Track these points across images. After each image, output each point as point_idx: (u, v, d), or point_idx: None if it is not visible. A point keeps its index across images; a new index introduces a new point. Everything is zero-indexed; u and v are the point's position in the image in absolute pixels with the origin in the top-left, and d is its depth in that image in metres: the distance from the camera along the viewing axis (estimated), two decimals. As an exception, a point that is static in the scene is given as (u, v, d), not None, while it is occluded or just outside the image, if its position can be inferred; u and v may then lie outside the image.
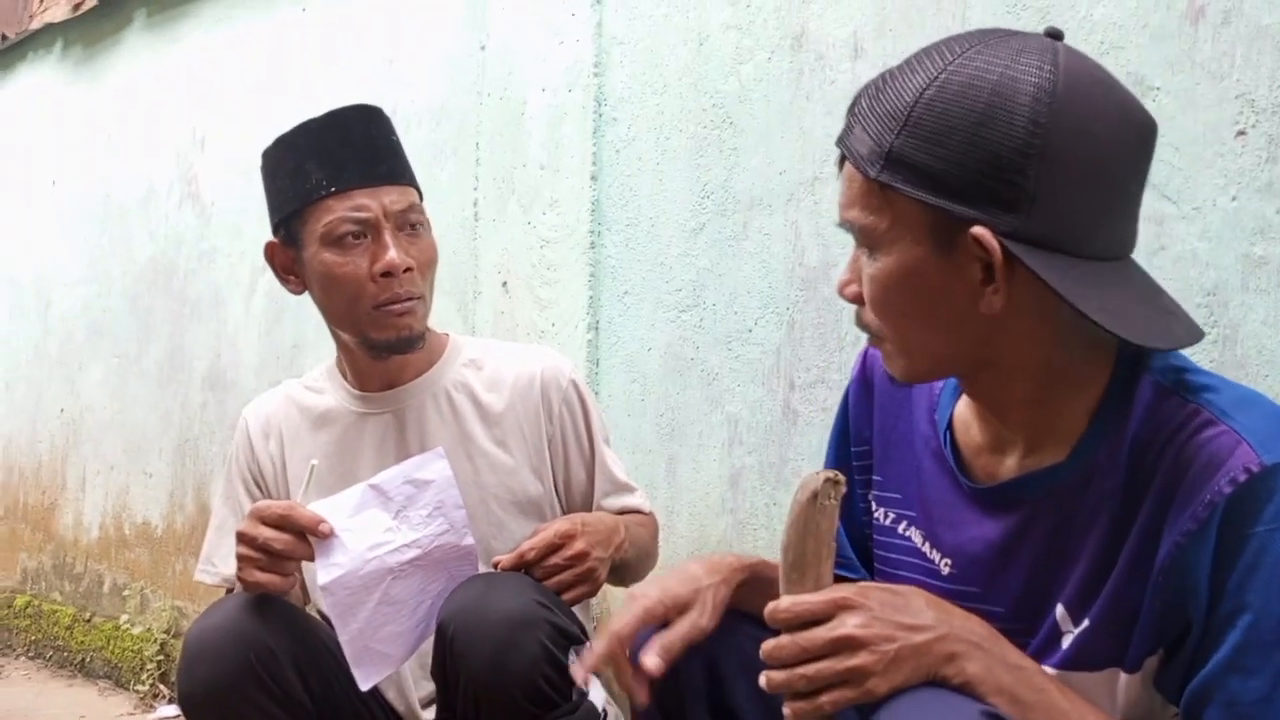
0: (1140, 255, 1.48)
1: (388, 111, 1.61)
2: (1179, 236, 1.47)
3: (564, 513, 1.58)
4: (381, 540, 1.33)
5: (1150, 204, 1.49)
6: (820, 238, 1.89)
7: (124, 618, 3.58)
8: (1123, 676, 0.94)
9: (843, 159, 0.98)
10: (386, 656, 1.38)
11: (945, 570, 1.04)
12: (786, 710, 0.92)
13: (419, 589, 1.37)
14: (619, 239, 2.23)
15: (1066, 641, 0.96)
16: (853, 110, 0.97)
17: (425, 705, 1.54)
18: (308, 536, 1.33)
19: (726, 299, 2.04)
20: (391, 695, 1.55)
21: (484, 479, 1.55)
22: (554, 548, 1.39)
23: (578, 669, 1.09)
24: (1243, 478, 0.85)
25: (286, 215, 1.53)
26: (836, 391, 1.86)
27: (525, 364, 1.60)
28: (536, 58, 2.39)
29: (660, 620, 1.07)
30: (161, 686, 3.29)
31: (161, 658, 3.31)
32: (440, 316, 2.61)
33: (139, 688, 3.34)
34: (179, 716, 3.10)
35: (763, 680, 0.93)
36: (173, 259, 3.58)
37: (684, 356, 2.10)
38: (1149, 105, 1.49)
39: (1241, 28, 1.42)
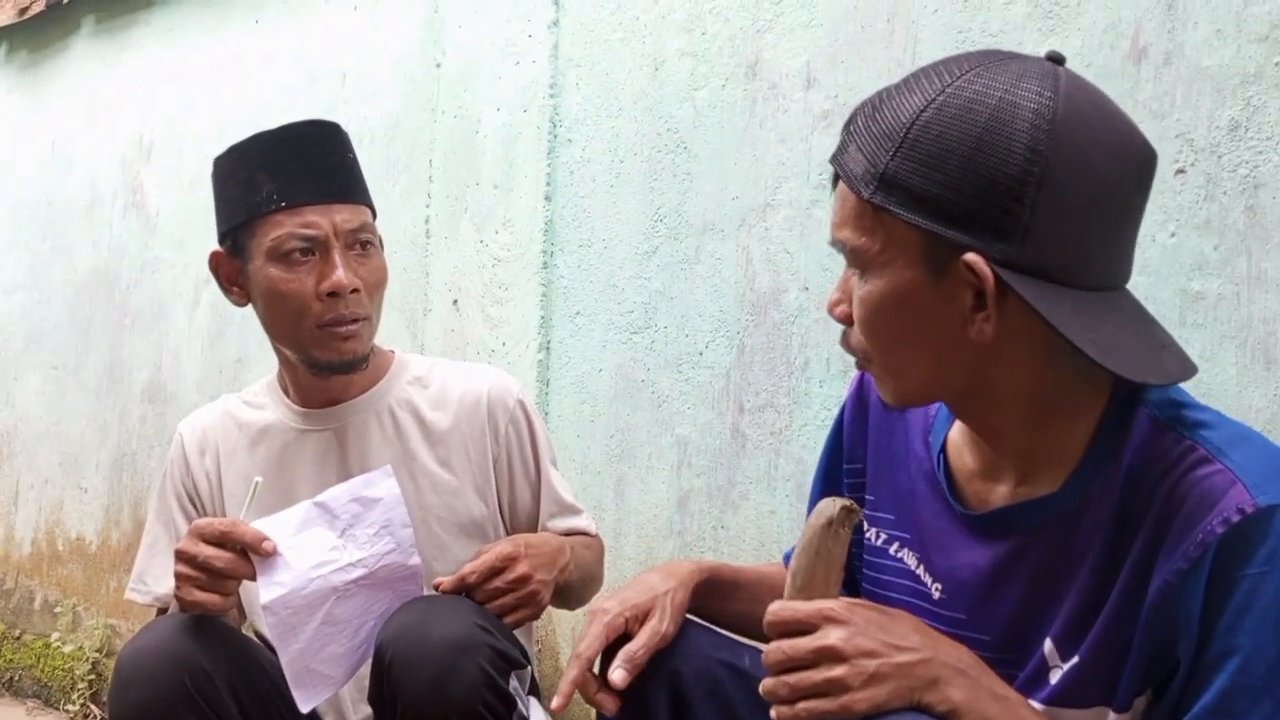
0: (1082, 288, 1.53)
1: (341, 124, 1.59)
2: (1120, 270, 1.50)
3: (508, 534, 1.57)
4: (326, 559, 1.31)
5: (1093, 238, 1.53)
6: (771, 263, 1.91)
7: (55, 635, 3.49)
8: (1112, 716, 0.92)
9: (836, 177, 0.96)
10: (328, 678, 1.36)
11: (936, 594, 1.03)
12: (772, 713, 0.92)
13: (362, 609, 1.35)
14: (571, 260, 2.24)
15: (1055, 677, 0.94)
16: (848, 128, 0.95)
17: None
18: (250, 555, 1.31)
19: (678, 322, 2.05)
20: (329, 719, 1.53)
21: (426, 499, 1.53)
22: (496, 570, 1.36)
23: (558, 697, 1.08)
24: (1236, 518, 0.84)
25: (234, 225, 1.50)
26: (785, 416, 1.88)
27: (472, 382, 1.58)
28: (492, 77, 2.40)
29: (622, 632, 1.09)
30: (93, 707, 3.21)
31: (93, 677, 3.23)
32: (390, 333, 2.59)
33: (69, 708, 3.25)
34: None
35: (761, 687, 0.94)
36: (115, 269, 3.52)
37: (634, 378, 2.11)
38: (1092, 142, 1.53)
39: (1182, 69, 1.46)
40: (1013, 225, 0.86)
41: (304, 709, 1.35)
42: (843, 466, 1.16)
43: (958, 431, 1.04)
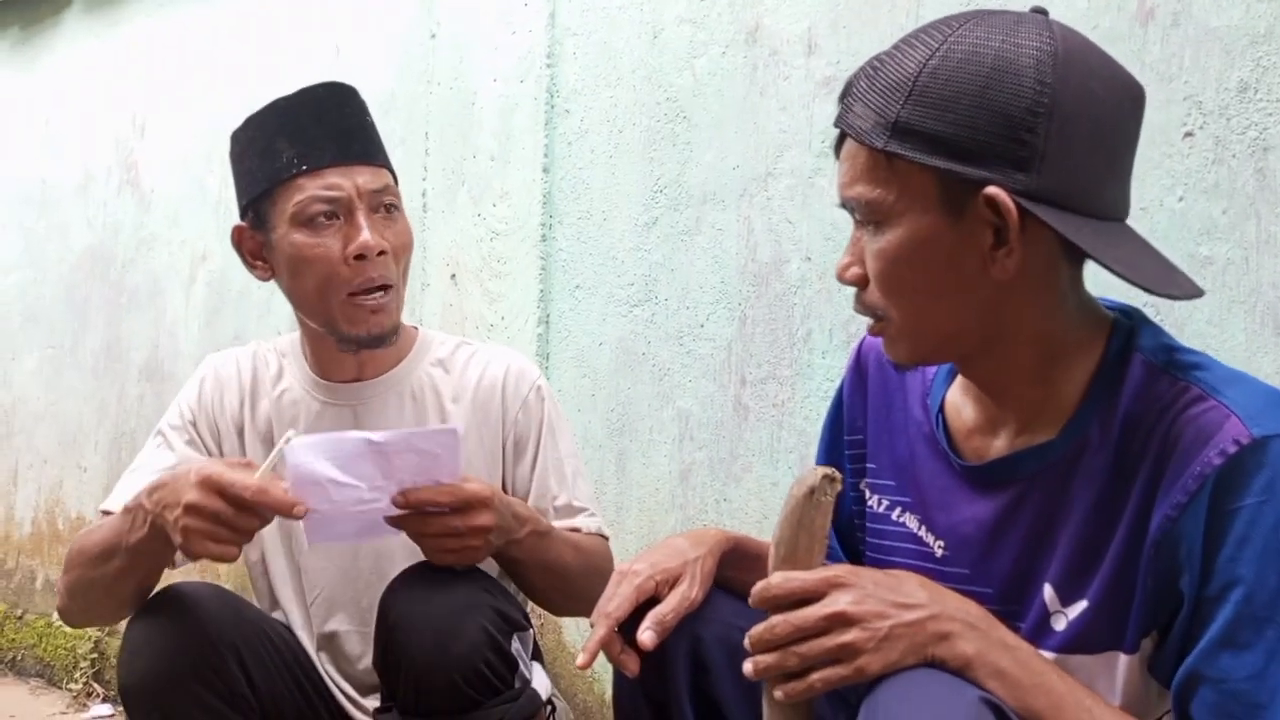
0: (1089, 254, 1.51)
1: (356, 89, 1.56)
2: (1127, 236, 1.48)
3: None
4: (368, 499, 1.26)
5: (1099, 203, 1.51)
6: (773, 233, 1.89)
7: (57, 615, 3.49)
8: (1122, 658, 0.93)
9: (840, 141, 0.98)
10: (341, 535, 1.33)
11: (939, 552, 1.04)
12: (777, 693, 0.91)
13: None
14: (570, 232, 2.21)
15: (1058, 623, 0.96)
16: (848, 93, 0.97)
17: (368, 692, 1.51)
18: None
19: (678, 294, 2.03)
20: (334, 676, 1.52)
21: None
22: (465, 507, 1.29)
23: (583, 654, 1.06)
24: (1232, 449, 0.86)
25: (255, 196, 1.47)
26: (787, 387, 1.86)
27: (491, 368, 1.55)
28: (488, 47, 2.37)
29: (651, 595, 1.08)
30: (95, 685, 3.21)
31: (95, 656, 3.23)
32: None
33: (72, 686, 3.26)
34: (112, 716, 3.05)
35: (748, 667, 0.93)
36: (110, 247, 3.50)
37: (635, 351, 2.09)
38: (1099, 106, 1.51)
39: (1190, 30, 1.43)
40: (1029, 156, 0.89)
41: (310, 543, 1.35)
42: (844, 438, 1.17)
43: (957, 390, 1.06)
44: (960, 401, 1.05)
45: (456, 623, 1.26)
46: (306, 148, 1.44)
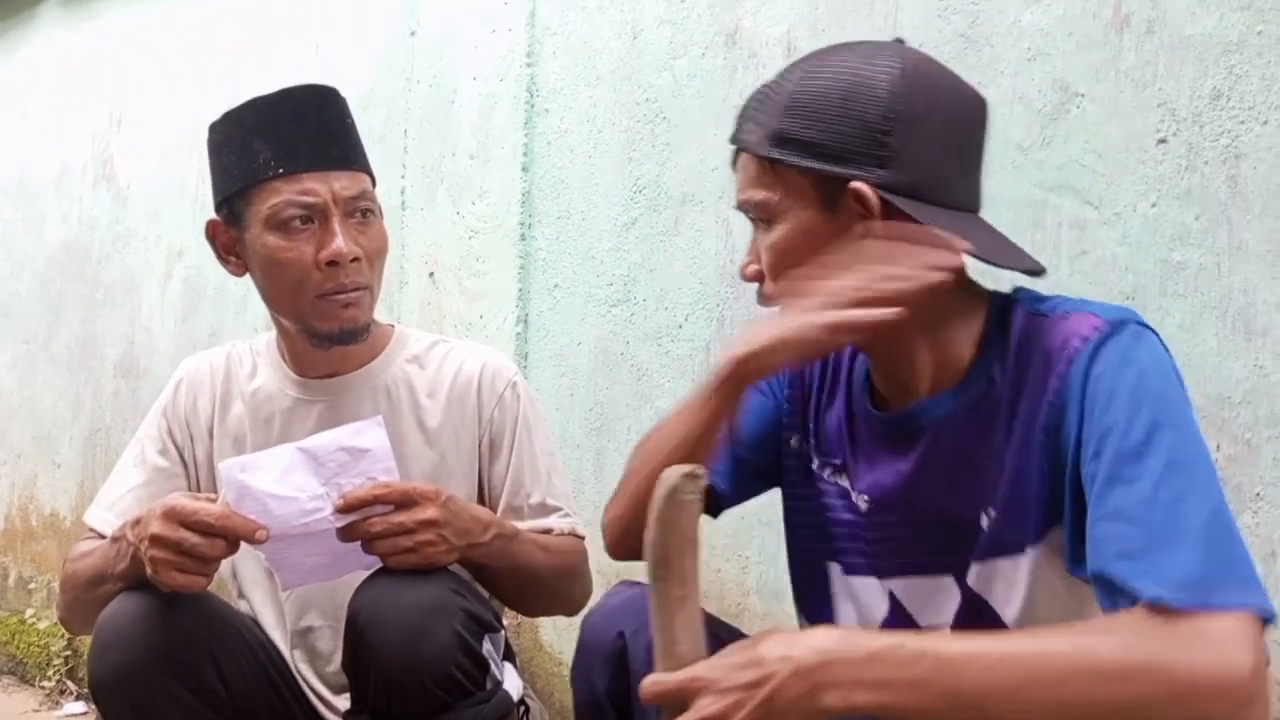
0: (1062, 259, 1.52)
1: (338, 90, 1.55)
2: (1100, 241, 1.49)
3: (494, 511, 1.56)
4: (310, 509, 1.27)
5: (1072, 209, 1.52)
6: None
7: (30, 611, 3.46)
8: (1030, 551, 1.02)
9: (736, 155, 1.13)
10: (312, 574, 1.34)
11: (864, 506, 1.13)
12: None
13: (350, 546, 1.30)
14: (549, 232, 2.21)
15: (989, 537, 1.04)
16: (741, 115, 1.12)
17: (340, 691, 1.51)
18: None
19: (657, 294, 2.03)
20: (308, 676, 1.52)
21: (415, 478, 1.48)
22: (407, 501, 1.28)
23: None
24: (1091, 334, 0.99)
25: (230, 193, 1.46)
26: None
27: (467, 366, 1.54)
28: (468, 45, 2.36)
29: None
30: (68, 682, 3.19)
31: (69, 653, 3.21)
32: (365, 306, 2.57)
33: (44, 684, 3.23)
34: (86, 713, 3.03)
35: None
36: (86, 242, 3.47)
37: (614, 351, 2.09)
38: (1074, 112, 1.52)
39: (1165, 37, 1.45)
40: (887, 155, 1.03)
41: (284, 589, 1.35)
42: (784, 392, 1.26)
43: (871, 369, 1.17)
44: (875, 376, 1.16)
45: (426, 625, 1.25)
46: (283, 150, 1.43)
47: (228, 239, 1.50)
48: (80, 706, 3.05)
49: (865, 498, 1.12)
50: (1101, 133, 1.49)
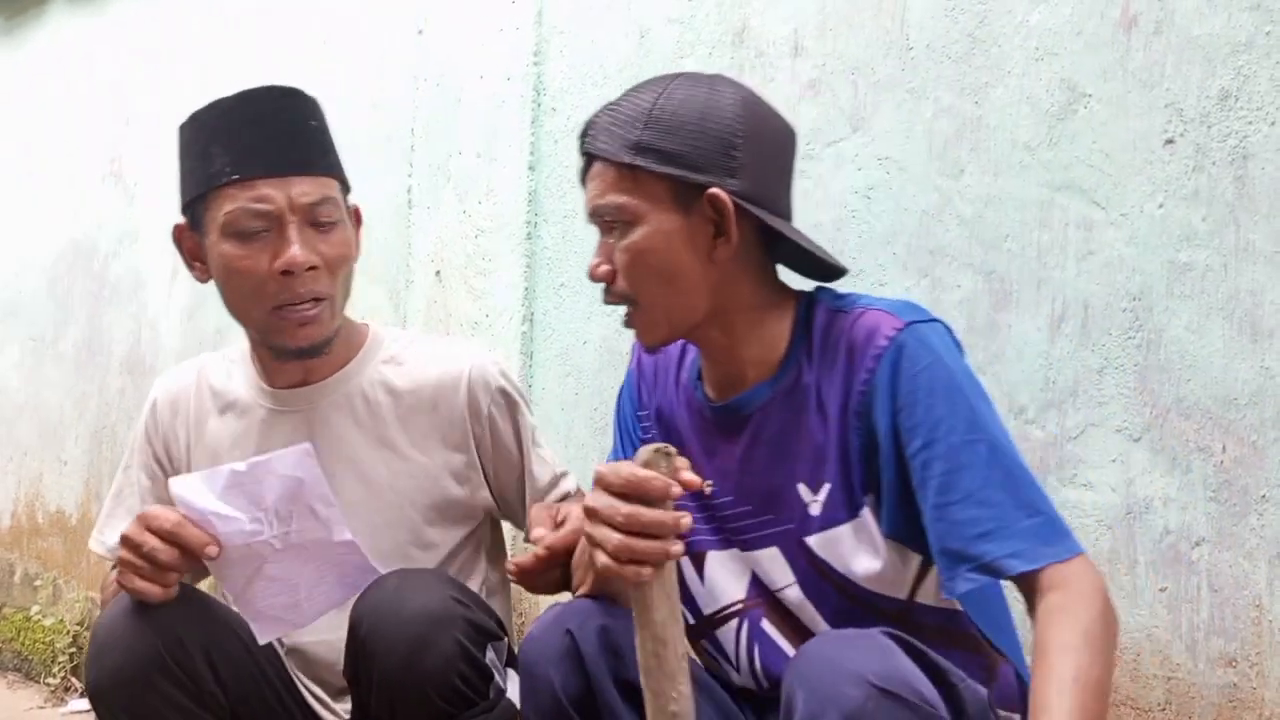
0: (1069, 259, 1.52)
1: (320, 96, 1.53)
2: (1107, 241, 1.49)
3: (500, 510, 1.56)
4: (249, 529, 1.29)
5: (1079, 209, 1.52)
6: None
7: (35, 609, 3.47)
8: (862, 516, 1.19)
9: (586, 166, 1.25)
10: (282, 620, 1.35)
11: (708, 490, 1.23)
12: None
13: (301, 569, 1.32)
14: (556, 230, 2.22)
15: (814, 509, 1.21)
16: (591, 128, 1.24)
17: (339, 695, 1.50)
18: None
19: (662, 293, 2.03)
20: (305, 680, 1.52)
21: (400, 483, 1.48)
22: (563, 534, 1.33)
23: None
24: (893, 334, 1.16)
25: (191, 199, 1.44)
26: (770, 388, 1.86)
27: (450, 362, 1.52)
28: (475, 44, 2.36)
29: None
30: (74, 679, 3.20)
31: (74, 650, 3.22)
32: (372, 305, 2.57)
33: (50, 681, 3.24)
34: (90, 710, 3.04)
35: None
36: (94, 239, 3.48)
37: (619, 350, 2.09)
38: (1081, 112, 1.52)
39: (1172, 38, 1.44)
40: (737, 166, 1.19)
41: (261, 641, 1.34)
42: (636, 414, 1.39)
43: (704, 364, 1.32)
44: (707, 371, 1.31)
45: (429, 636, 1.25)
46: (240, 155, 1.39)
47: (192, 244, 1.47)
48: (85, 704, 3.05)
49: (710, 484, 1.23)
50: (1109, 133, 1.49)
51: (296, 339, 1.42)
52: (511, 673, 1.41)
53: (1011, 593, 1.17)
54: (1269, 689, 1.34)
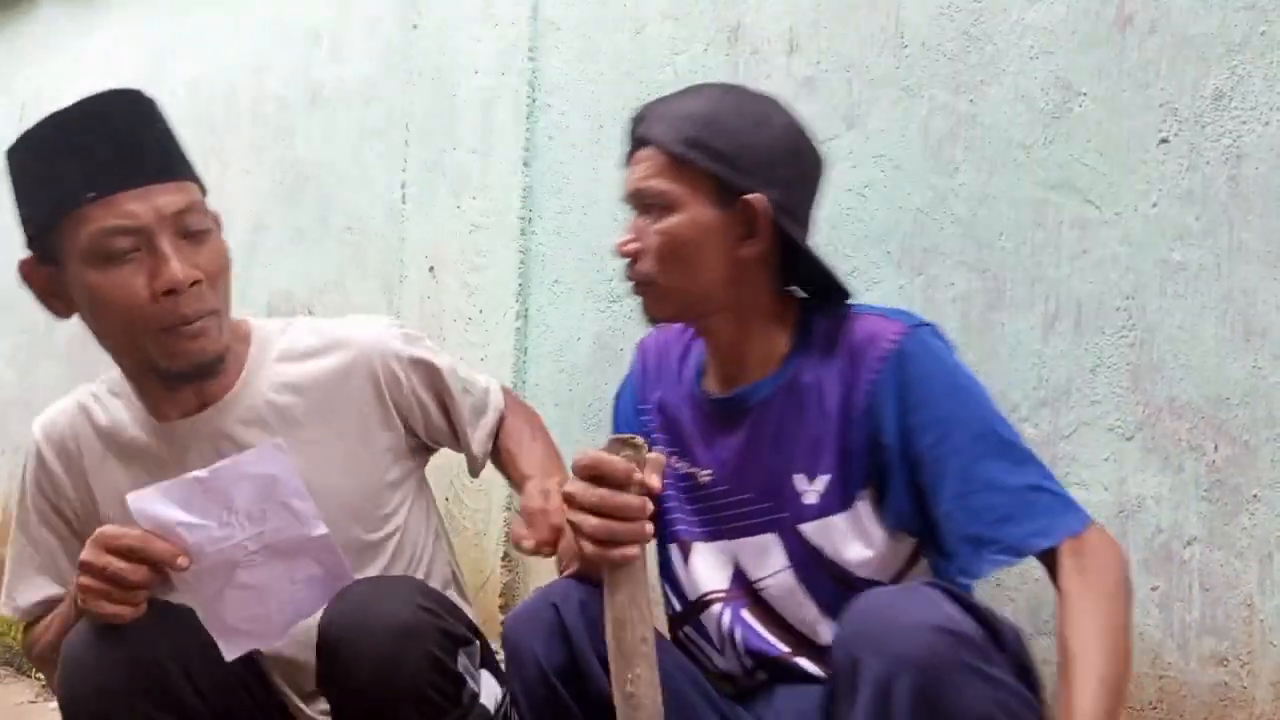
0: (1063, 258, 1.52)
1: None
2: (1100, 240, 1.49)
3: (438, 446, 1.53)
4: (218, 535, 1.23)
5: (1074, 208, 1.52)
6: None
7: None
8: (859, 506, 1.25)
9: (635, 147, 1.32)
10: (252, 634, 1.30)
11: (705, 479, 1.34)
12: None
13: (274, 575, 1.28)
14: (550, 226, 2.21)
15: (810, 499, 1.27)
16: (647, 115, 1.31)
17: (314, 699, 1.45)
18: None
19: (656, 290, 2.03)
20: (283, 687, 1.49)
21: (331, 479, 1.39)
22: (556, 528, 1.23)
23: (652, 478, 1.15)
24: (897, 338, 1.24)
25: (40, 228, 1.30)
26: (764, 385, 1.86)
27: (349, 344, 1.44)
28: (470, 39, 2.36)
29: None
30: (66, 674, 3.19)
31: (66, 644, 3.21)
32: (366, 301, 2.57)
33: (40, 676, 3.23)
34: None
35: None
36: (86, 233, 3.47)
37: (614, 347, 2.09)
38: (1076, 110, 1.52)
39: (1167, 37, 1.44)
40: (777, 178, 1.27)
41: (229, 658, 1.27)
42: (636, 407, 1.44)
43: (707, 359, 1.38)
44: (710, 366, 1.37)
45: (398, 651, 1.20)
46: (94, 171, 1.26)
47: (43, 279, 1.34)
48: (77, 697, 3.05)
49: (708, 473, 1.34)
50: (1103, 132, 1.49)
51: (191, 356, 1.30)
52: (486, 674, 1.38)
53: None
54: (1260, 688, 1.34)
